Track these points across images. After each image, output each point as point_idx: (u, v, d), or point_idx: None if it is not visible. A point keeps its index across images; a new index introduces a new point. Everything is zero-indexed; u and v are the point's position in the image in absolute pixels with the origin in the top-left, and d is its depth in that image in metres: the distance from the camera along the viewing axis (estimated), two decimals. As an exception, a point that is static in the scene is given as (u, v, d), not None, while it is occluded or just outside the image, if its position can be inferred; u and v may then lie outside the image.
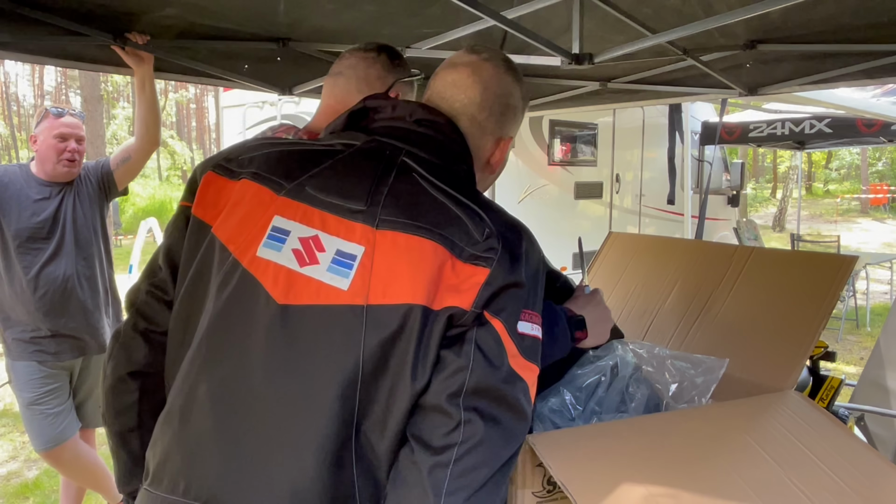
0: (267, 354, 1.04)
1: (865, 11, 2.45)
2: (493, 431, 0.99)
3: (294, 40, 2.81)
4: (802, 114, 7.86)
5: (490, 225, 1.08)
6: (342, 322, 1.02)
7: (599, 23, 2.58)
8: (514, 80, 1.29)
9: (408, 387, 1.00)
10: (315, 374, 1.02)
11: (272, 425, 1.02)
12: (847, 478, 1.28)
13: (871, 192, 26.63)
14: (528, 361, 1.04)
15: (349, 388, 1.00)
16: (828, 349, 3.04)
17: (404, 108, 1.21)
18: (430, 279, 1.01)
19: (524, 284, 1.05)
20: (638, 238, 2.44)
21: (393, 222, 1.05)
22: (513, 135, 1.32)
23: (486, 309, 1.02)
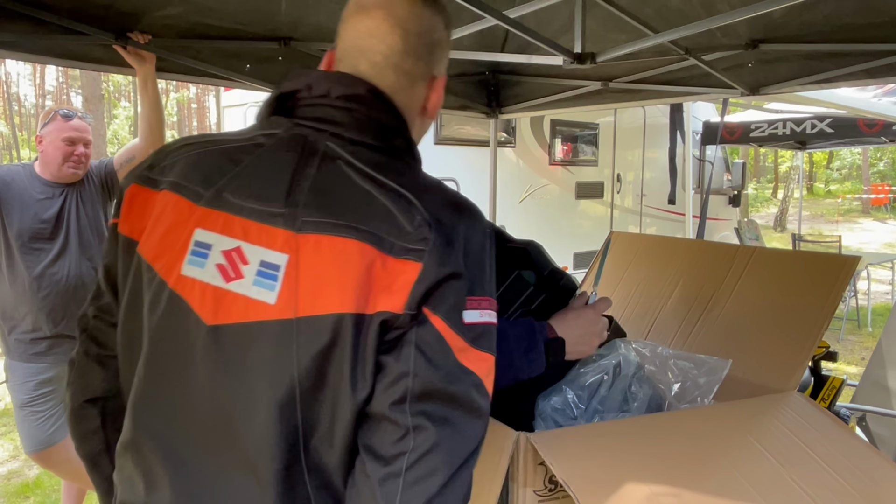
0: (204, 380, 0.99)
1: (867, 11, 2.45)
2: (446, 433, 0.94)
3: (296, 40, 2.81)
4: (804, 114, 7.86)
5: (422, 210, 0.98)
6: (273, 339, 0.96)
7: (601, 22, 2.58)
8: (433, 12, 1.15)
9: (349, 399, 0.95)
10: (253, 396, 0.96)
11: (219, 451, 0.99)
12: (849, 477, 1.28)
13: (873, 192, 26.61)
14: (480, 352, 0.97)
15: (288, 407, 0.95)
16: (829, 349, 3.04)
17: (322, 83, 1.08)
18: (359, 283, 0.94)
19: (462, 274, 0.96)
20: (639, 237, 2.44)
21: (315, 223, 0.96)
22: (444, 72, 1.18)
23: (423, 306, 0.94)
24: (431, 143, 6.17)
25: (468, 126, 6.29)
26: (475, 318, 0.97)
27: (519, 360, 1.35)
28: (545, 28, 2.71)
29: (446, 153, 6.25)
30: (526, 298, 1.44)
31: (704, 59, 2.95)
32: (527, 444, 1.21)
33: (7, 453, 4.74)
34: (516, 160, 6.77)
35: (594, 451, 1.23)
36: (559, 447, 1.21)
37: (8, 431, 5.04)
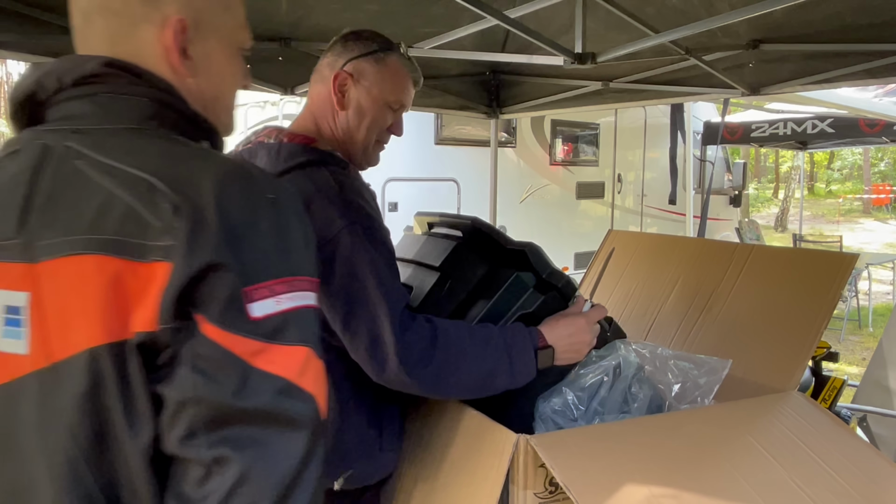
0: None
1: (868, 11, 2.44)
2: (257, 457, 0.77)
3: (296, 40, 2.81)
4: (805, 114, 7.85)
5: (167, 193, 0.79)
6: (34, 396, 0.81)
7: (602, 22, 2.58)
8: None
9: (131, 445, 0.79)
10: (31, 475, 0.81)
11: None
12: (850, 478, 1.28)
13: (874, 192, 26.58)
14: (285, 346, 0.80)
15: (74, 475, 0.79)
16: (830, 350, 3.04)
17: (51, 75, 0.89)
18: (106, 305, 0.78)
19: (225, 261, 0.77)
20: (638, 236, 2.44)
21: (49, 246, 0.80)
22: (184, 14, 0.93)
23: (193, 313, 0.77)
24: (432, 144, 6.17)
25: (468, 126, 6.29)
26: (269, 309, 0.79)
27: (508, 367, 1.33)
28: (545, 28, 2.70)
29: (447, 153, 6.25)
30: (525, 301, 1.44)
31: (705, 59, 2.95)
32: (527, 447, 1.21)
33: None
34: (517, 160, 6.77)
35: (594, 453, 1.23)
36: (559, 449, 1.21)
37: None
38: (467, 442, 1.35)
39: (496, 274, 1.49)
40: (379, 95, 1.55)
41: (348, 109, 1.54)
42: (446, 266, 1.55)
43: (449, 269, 1.54)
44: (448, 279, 1.53)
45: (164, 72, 0.92)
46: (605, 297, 2.16)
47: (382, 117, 1.57)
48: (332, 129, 1.56)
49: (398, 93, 1.59)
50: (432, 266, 1.58)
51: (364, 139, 1.56)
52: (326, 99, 1.55)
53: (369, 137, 1.57)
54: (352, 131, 1.55)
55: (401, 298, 1.33)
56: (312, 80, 1.62)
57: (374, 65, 1.56)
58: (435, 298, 1.52)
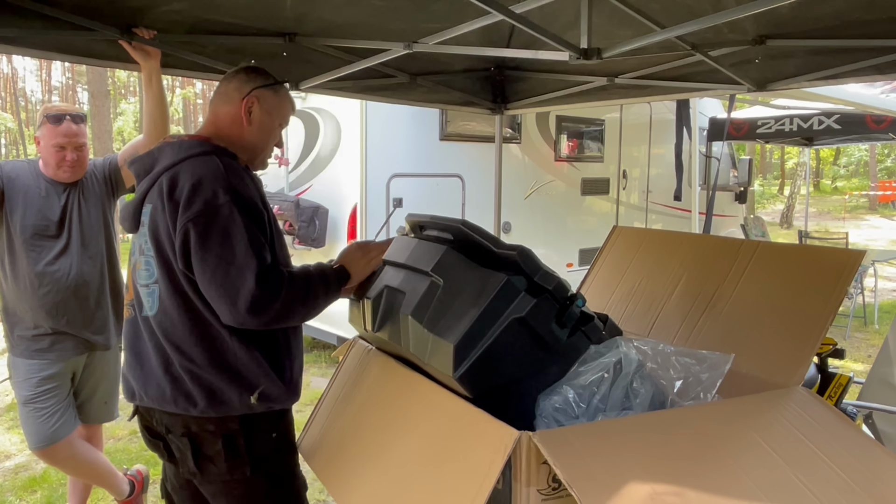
0: None
1: (875, 6, 2.43)
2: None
3: (301, 35, 2.80)
4: (811, 110, 7.82)
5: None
6: None
7: (607, 17, 2.57)
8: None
9: None
10: None
11: None
12: (854, 475, 1.27)
13: (880, 188, 26.47)
14: None
15: None
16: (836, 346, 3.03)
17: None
18: None
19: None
20: (642, 232, 2.43)
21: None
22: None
23: None
24: (437, 140, 6.17)
25: (473, 122, 6.28)
26: None
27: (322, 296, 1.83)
28: (551, 23, 2.69)
29: (451, 149, 6.24)
30: (517, 304, 1.44)
31: (711, 55, 2.94)
32: (529, 444, 1.20)
33: (15, 447, 4.76)
34: (522, 156, 6.76)
35: (596, 451, 1.23)
36: (562, 446, 1.21)
37: (15, 426, 5.06)
38: (466, 435, 1.34)
39: (487, 278, 1.49)
40: (277, 118, 2.08)
41: (253, 125, 2.02)
42: (438, 271, 1.55)
43: (441, 274, 1.54)
44: (440, 284, 1.53)
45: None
46: (609, 293, 2.16)
47: (276, 133, 2.10)
48: (238, 140, 2.00)
49: (285, 116, 2.12)
50: (424, 271, 1.58)
51: (263, 150, 2.07)
52: (235, 116, 2.01)
53: (267, 148, 2.09)
54: (254, 142, 2.04)
55: (264, 257, 1.76)
56: (217, 101, 2.07)
57: (274, 94, 2.07)
58: (428, 304, 1.52)
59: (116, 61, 2.66)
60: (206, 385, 1.83)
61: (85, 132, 2.98)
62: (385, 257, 1.87)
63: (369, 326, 1.80)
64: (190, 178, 1.78)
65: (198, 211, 1.74)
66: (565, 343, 1.49)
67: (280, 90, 2.09)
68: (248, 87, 2.02)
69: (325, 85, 3.39)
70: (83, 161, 2.97)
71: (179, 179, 1.79)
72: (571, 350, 1.48)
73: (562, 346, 1.48)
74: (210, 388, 1.83)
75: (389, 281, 1.78)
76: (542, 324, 1.46)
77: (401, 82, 3.61)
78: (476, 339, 1.42)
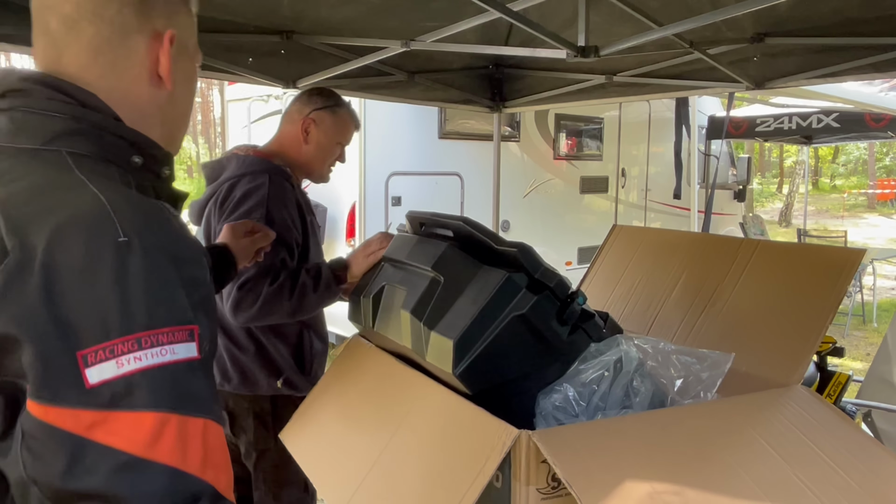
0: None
1: (874, 4, 2.43)
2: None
3: (298, 33, 2.80)
4: (810, 108, 7.83)
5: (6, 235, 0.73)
6: None
7: (605, 15, 2.56)
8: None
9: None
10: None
11: None
12: (854, 474, 1.27)
13: (879, 187, 26.50)
14: (130, 412, 0.70)
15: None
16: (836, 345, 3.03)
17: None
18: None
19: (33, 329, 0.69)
20: (642, 231, 2.43)
21: None
22: (174, 27, 0.96)
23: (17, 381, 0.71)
24: (435, 138, 6.16)
25: (472, 120, 6.28)
26: (108, 374, 0.70)
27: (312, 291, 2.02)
28: (549, 21, 2.69)
29: (450, 148, 6.24)
30: (518, 302, 1.43)
31: (709, 53, 2.93)
32: (529, 442, 1.20)
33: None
34: (521, 155, 6.76)
35: (596, 449, 1.22)
36: (561, 445, 1.20)
37: (12, 425, 5.05)
38: (465, 432, 1.34)
39: (488, 275, 1.48)
40: (333, 137, 2.30)
41: (310, 144, 2.28)
42: (438, 268, 1.54)
43: (441, 271, 1.54)
44: (441, 281, 1.53)
45: (139, 79, 0.94)
46: (608, 292, 2.16)
47: (334, 151, 2.33)
48: (296, 157, 2.28)
49: (344, 135, 2.34)
50: (424, 268, 1.58)
51: (320, 166, 2.33)
52: (295, 135, 2.29)
53: (324, 164, 2.34)
54: (311, 160, 2.30)
55: (274, 264, 2.01)
56: (284, 120, 2.34)
57: (331, 115, 2.29)
58: (428, 301, 1.52)
59: (113, 59, 2.65)
60: (241, 367, 2.20)
61: None
62: (385, 254, 1.87)
63: (369, 323, 1.80)
64: (239, 193, 2.08)
65: (233, 221, 1.96)
66: (566, 341, 1.48)
67: (338, 111, 2.30)
68: (308, 108, 2.28)
69: (322, 83, 3.37)
70: None
71: (232, 192, 2.10)
72: (572, 348, 1.48)
73: (562, 344, 1.48)
74: (243, 370, 2.20)
75: (389, 278, 1.77)
76: (543, 321, 1.46)
77: (399, 80, 3.60)
78: (476, 336, 1.42)
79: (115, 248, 0.73)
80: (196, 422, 0.74)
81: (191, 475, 0.72)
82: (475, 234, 1.56)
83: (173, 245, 0.79)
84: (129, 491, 0.69)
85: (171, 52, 0.95)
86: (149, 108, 0.95)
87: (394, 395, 1.65)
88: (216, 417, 0.77)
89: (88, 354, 0.70)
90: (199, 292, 0.79)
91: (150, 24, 0.93)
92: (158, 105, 0.96)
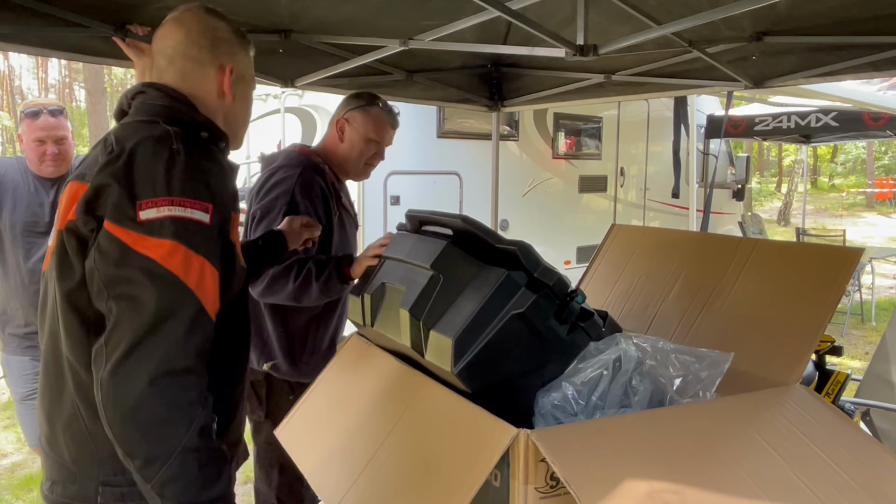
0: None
1: (873, 3, 2.43)
2: (126, 308, 1.20)
3: (296, 32, 2.79)
4: (808, 107, 7.82)
5: (112, 142, 1.31)
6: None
7: (604, 14, 2.56)
8: (216, 17, 1.52)
9: (58, 290, 1.30)
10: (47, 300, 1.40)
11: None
12: (853, 472, 1.27)
13: (877, 186, 26.52)
14: (157, 239, 1.22)
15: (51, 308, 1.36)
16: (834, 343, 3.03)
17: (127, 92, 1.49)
18: (66, 208, 1.30)
19: (114, 182, 1.23)
20: (641, 230, 2.43)
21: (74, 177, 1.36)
22: (234, 63, 1.51)
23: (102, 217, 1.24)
24: (434, 137, 6.16)
25: (471, 119, 6.27)
26: (151, 215, 1.23)
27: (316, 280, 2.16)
28: (547, 20, 2.69)
29: (449, 147, 6.24)
30: (517, 300, 1.43)
31: (708, 52, 2.93)
32: (528, 441, 1.20)
33: (11, 446, 4.75)
34: (519, 154, 6.75)
35: (595, 448, 1.22)
36: (560, 444, 1.20)
37: (11, 424, 5.05)
38: (464, 431, 1.34)
39: (487, 274, 1.48)
40: (364, 134, 2.44)
41: (345, 143, 2.46)
42: (438, 266, 1.54)
43: (440, 269, 1.54)
44: (440, 279, 1.52)
45: (211, 93, 1.49)
46: (607, 292, 2.16)
47: (367, 149, 2.46)
48: (333, 154, 2.49)
49: (377, 132, 2.46)
50: (424, 266, 1.58)
51: (354, 162, 2.47)
52: (332, 134, 2.50)
53: (358, 161, 2.47)
54: (346, 156, 2.47)
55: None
56: (329, 123, 2.56)
57: (362, 114, 2.45)
58: (427, 299, 1.51)
59: (111, 58, 2.64)
60: None
61: (65, 125, 2.95)
62: (384, 253, 1.87)
63: (368, 321, 1.80)
64: (272, 181, 2.31)
65: (260, 205, 2.28)
66: (565, 339, 1.48)
67: (370, 110, 2.45)
68: (344, 109, 2.49)
69: (321, 82, 3.38)
70: (65, 154, 2.95)
71: (268, 180, 2.33)
72: (571, 346, 1.48)
73: (561, 343, 1.48)
74: None
75: (389, 276, 1.77)
76: (542, 319, 1.46)
77: (397, 79, 3.60)
78: (476, 335, 1.42)
79: (170, 151, 1.29)
80: (197, 257, 1.25)
81: (186, 286, 1.23)
82: (475, 233, 1.56)
83: (208, 163, 1.34)
84: (149, 280, 1.21)
85: (231, 78, 1.51)
86: (216, 111, 1.49)
87: (392, 393, 1.65)
88: (214, 263, 1.28)
89: (142, 202, 1.23)
90: (218, 191, 1.32)
91: (218, 60, 1.49)
92: (223, 111, 1.52)
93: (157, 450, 1.18)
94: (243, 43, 1.55)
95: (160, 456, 1.17)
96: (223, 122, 1.50)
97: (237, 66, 1.51)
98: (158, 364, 1.18)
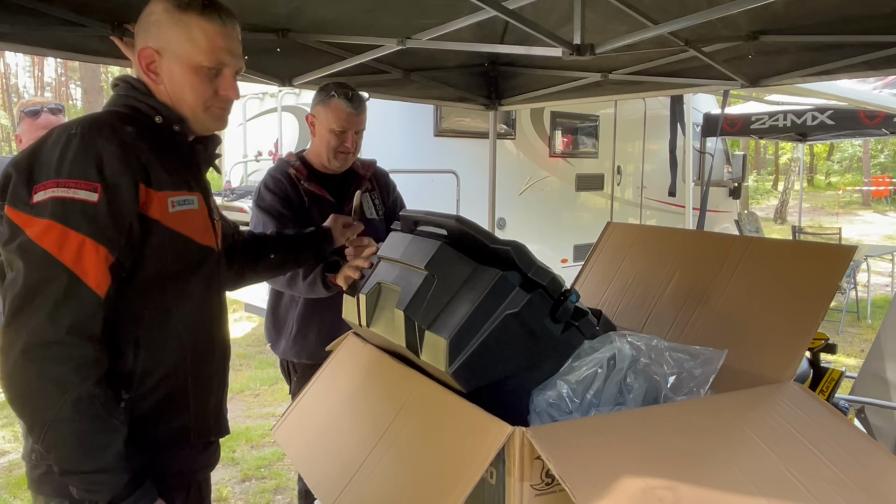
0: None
1: (868, 2, 2.44)
2: (10, 283, 1.31)
3: (294, 31, 2.80)
4: (804, 105, 7.84)
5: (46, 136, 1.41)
6: None
7: (601, 13, 2.57)
8: (158, 1, 1.51)
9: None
10: None
11: None
12: (847, 470, 1.28)
13: (873, 184, 26.57)
14: (37, 218, 1.30)
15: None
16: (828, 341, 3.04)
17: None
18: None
19: (14, 171, 1.34)
20: (636, 228, 2.44)
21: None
22: (158, 43, 1.50)
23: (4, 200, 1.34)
24: (431, 136, 6.16)
25: (468, 118, 6.27)
26: (40, 197, 1.31)
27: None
28: (544, 19, 2.69)
29: (446, 145, 6.24)
30: (511, 300, 1.44)
31: (704, 51, 2.94)
32: (523, 439, 1.21)
33: (9, 444, 4.75)
34: (516, 152, 6.76)
35: (590, 445, 1.23)
36: (555, 441, 1.21)
37: (10, 423, 5.04)
38: (459, 429, 1.35)
39: (481, 274, 1.48)
40: (327, 126, 2.57)
41: (315, 136, 2.64)
42: (432, 266, 1.55)
43: (435, 270, 1.54)
44: (434, 279, 1.53)
45: (148, 81, 1.54)
46: (602, 289, 2.16)
47: (332, 139, 2.58)
48: (313, 148, 2.69)
49: (338, 122, 2.55)
50: (418, 267, 1.58)
51: (327, 154, 2.61)
52: (311, 132, 2.69)
53: (329, 152, 2.60)
54: (318, 149, 2.64)
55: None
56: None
57: (322, 107, 2.57)
58: (422, 299, 1.52)
59: (108, 57, 2.65)
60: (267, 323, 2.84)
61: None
62: (379, 253, 1.87)
63: (363, 322, 1.80)
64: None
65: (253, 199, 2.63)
66: (559, 338, 1.49)
67: (328, 101, 2.55)
68: (311, 106, 2.64)
69: (318, 81, 3.38)
70: None
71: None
72: (565, 345, 1.49)
73: (556, 342, 1.48)
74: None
75: (383, 276, 1.77)
76: (536, 319, 1.46)
77: (394, 78, 3.60)
78: (470, 334, 1.42)
79: (68, 136, 1.37)
80: (77, 235, 1.32)
81: (60, 262, 1.30)
82: (469, 233, 1.56)
83: (108, 144, 1.39)
84: (20, 257, 1.31)
85: (155, 58, 1.52)
86: (161, 94, 1.53)
87: (387, 392, 1.66)
88: (99, 240, 1.34)
89: (37, 187, 1.32)
90: (115, 170, 1.37)
91: (141, 44, 1.52)
92: (165, 92, 1.53)
93: (33, 417, 1.30)
94: (179, 16, 1.50)
95: (36, 423, 1.30)
96: (171, 102, 1.53)
97: (164, 44, 1.49)
98: (29, 337, 1.27)
